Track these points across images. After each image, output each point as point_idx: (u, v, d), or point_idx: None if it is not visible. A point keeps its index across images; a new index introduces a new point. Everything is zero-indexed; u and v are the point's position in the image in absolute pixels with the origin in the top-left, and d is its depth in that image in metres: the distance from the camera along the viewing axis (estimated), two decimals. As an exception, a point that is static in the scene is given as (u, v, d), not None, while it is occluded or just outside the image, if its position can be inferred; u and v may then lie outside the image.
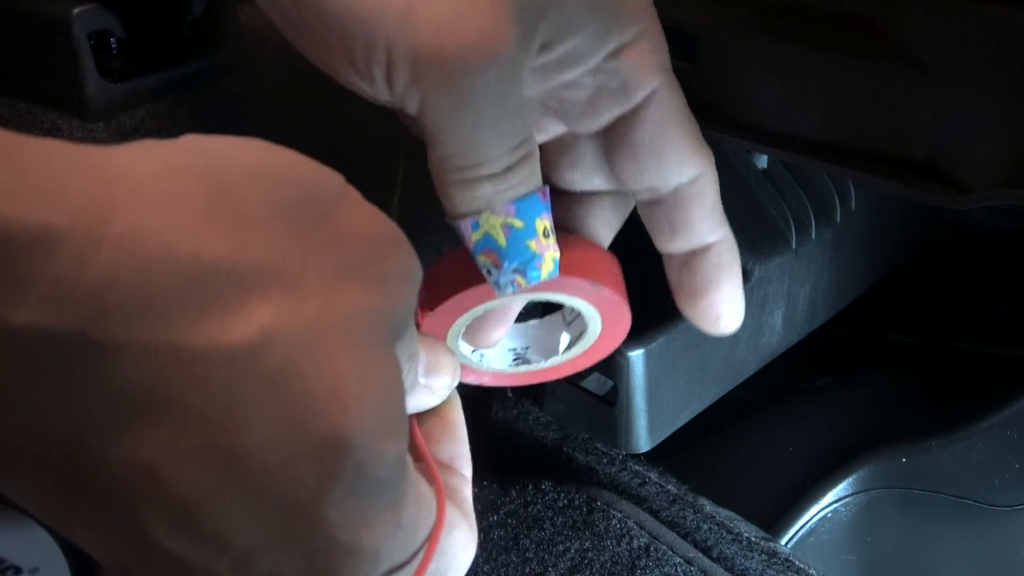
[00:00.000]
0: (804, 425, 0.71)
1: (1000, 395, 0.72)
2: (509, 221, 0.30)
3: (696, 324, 0.37)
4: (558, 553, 0.53)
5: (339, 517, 0.23)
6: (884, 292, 0.81)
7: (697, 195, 0.34)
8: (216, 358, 0.21)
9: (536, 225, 0.31)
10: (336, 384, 0.23)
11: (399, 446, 0.25)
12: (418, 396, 0.31)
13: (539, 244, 0.31)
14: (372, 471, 0.24)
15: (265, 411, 0.22)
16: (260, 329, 0.22)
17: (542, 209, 0.31)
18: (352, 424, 0.23)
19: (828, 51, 0.46)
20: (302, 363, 0.22)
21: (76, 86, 0.45)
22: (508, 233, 0.31)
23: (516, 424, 0.64)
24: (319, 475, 0.23)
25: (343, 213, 0.25)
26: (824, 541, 0.64)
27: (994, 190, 0.43)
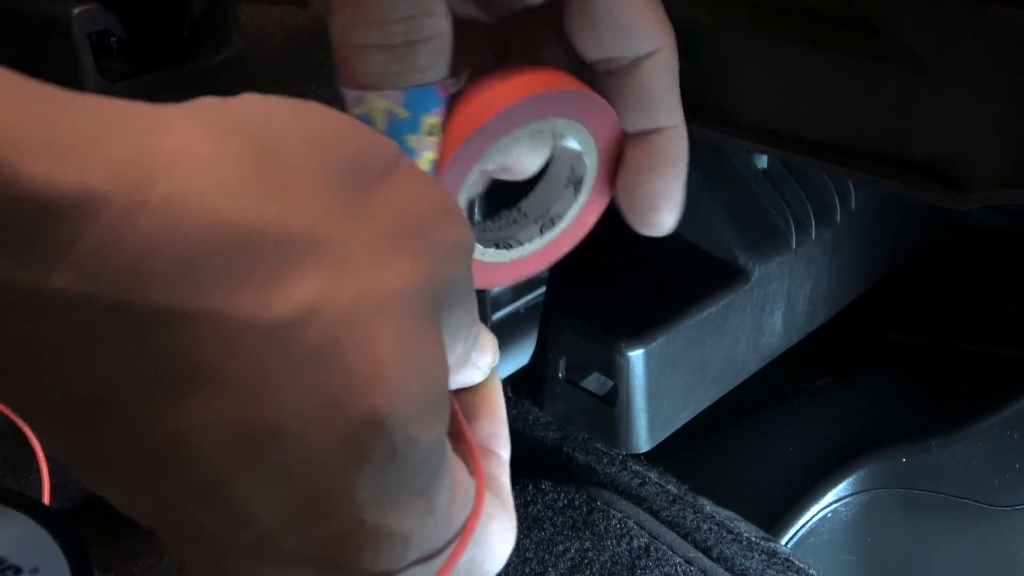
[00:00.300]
0: (804, 425, 0.71)
1: (1000, 395, 0.72)
2: (393, 109, 0.29)
3: (628, 218, 0.34)
4: (558, 553, 0.53)
5: (368, 499, 0.23)
6: (884, 292, 0.81)
7: (655, 71, 0.32)
8: (255, 331, 0.21)
9: (422, 120, 0.29)
10: (377, 364, 0.22)
11: (438, 430, 0.24)
12: (465, 373, 0.30)
13: (419, 141, 0.29)
14: (406, 455, 0.23)
15: (300, 388, 0.21)
16: (302, 303, 0.21)
17: (435, 103, 0.29)
18: (389, 406, 0.22)
19: (828, 51, 0.46)
20: (343, 340, 0.21)
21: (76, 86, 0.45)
22: (389, 120, 0.29)
23: (516, 424, 0.64)
24: (351, 456, 0.22)
25: (396, 183, 0.24)
26: (824, 541, 0.64)
27: (994, 190, 0.43)
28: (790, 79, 0.48)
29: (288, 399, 0.21)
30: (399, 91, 0.29)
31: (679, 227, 0.59)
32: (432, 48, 0.28)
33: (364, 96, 0.29)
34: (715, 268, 0.66)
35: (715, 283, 0.65)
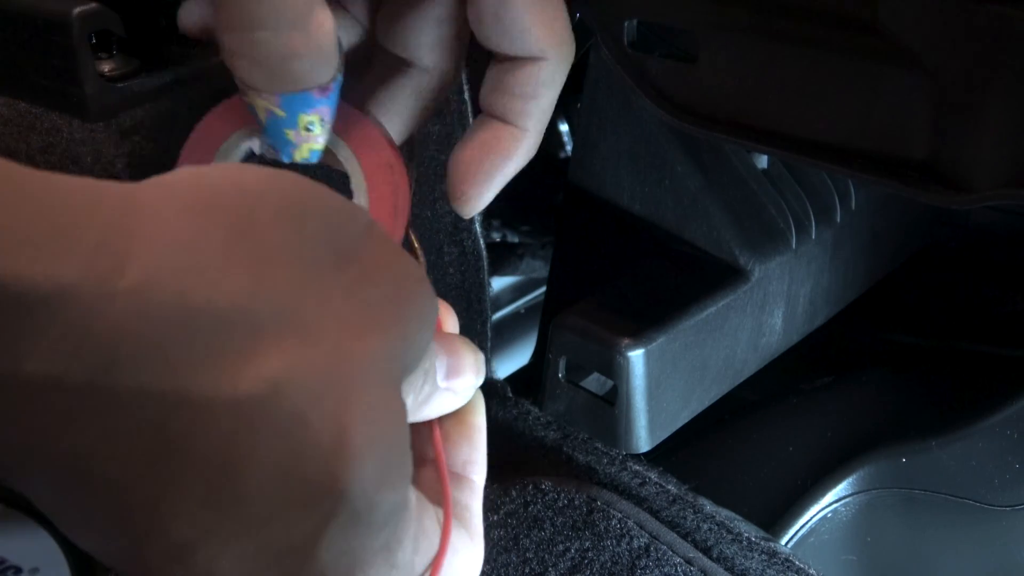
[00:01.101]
0: (804, 425, 0.71)
1: (1000, 395, 0.72)
2: (271, 108, 0.30)
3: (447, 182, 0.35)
4: (558, 553, 0.53)
5: (331, 559, 0.24)
6: (884, 292, 0.81)
7: (529, 76, 0.32)
8: (222, 407, 0.21)
9: (299, 119, 0.31)
10: (340, 436, 0.23)
11: (400, 491, 0.25)
12: (439, 401, 0.31)
13: (298, 135, 0.31)
14: (368, 517, 0.24)
15: (267, 459, 0.22)
16: (269, 380, 0.22)
17: (310, 105, 0.31)
18: (352, 476, 0.23)
19: (828, 51, 0.46)
20: (308, 414, 0.22)
21: (76, 86, 0.45)
22: (268, 116, 0.31)
23: (516, 424, 0.64)
24: (314, 522, 0.23)
25: (367, 253, 0.25)
26: (824, 541, 0.64)
27: (994, 190, 0.43)
28: (790, 79, 0.48)
29: (254, 468, 0.22)
30: (275, 95, 0.30)
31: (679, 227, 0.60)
32: (302, 63, 0.29)
33: (248, 95, 0.30)
34: (715, 268, 0.66)
35: (715, 283, 0.65)
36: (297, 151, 0.32)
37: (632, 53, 0.54)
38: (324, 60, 0.30)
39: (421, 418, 0.31)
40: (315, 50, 0.29)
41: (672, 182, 0.66)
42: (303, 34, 0.29)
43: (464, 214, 0.34)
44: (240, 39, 0.29)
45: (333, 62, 0.30)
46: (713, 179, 0.66)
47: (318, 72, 0.30)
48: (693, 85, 0.52)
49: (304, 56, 0.29)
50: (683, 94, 0.53)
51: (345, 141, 0.34)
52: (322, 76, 0.30)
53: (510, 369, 0.78)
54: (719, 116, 0.52)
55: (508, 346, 1.01)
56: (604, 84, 0.68)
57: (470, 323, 0.65)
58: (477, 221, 0.63)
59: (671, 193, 0.67)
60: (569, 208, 0.74)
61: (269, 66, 0.29)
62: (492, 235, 0.96)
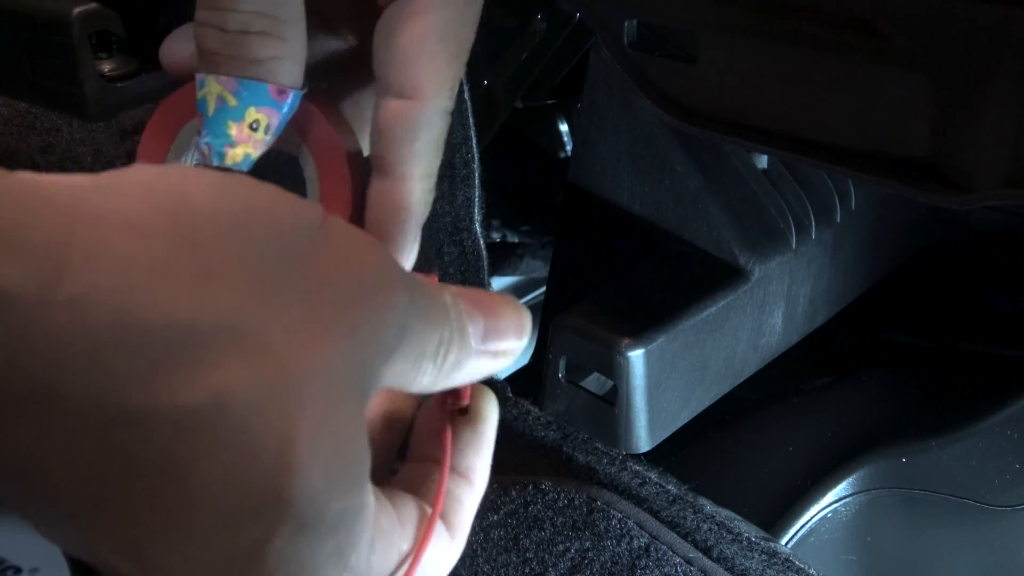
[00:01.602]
0: (804, 425, 0.71)
1: (1000, 395, 0.72)
2: (225, 94, 0.30)
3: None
4: (558, 553, 0.53)
5: (281, 563, 0.24)
6: (884, 292, 0.81)
7: (394, 118, 0.31)
8: (162, 419, 0.21)
9: (247, 112, 0.30)
10: (284, 446, 0.23)
11: (351, 498, 0.25)
12: (476, 365, 0.30)
13: (240, 132, 0.31)
14: (316, 525, 0.24)
15: (209, 469, 0.22)
16: (211, 393, 0.22)
17: (264, 102, 0.30)
18: (296, 485, 0.23)
19: (828, 51, 0.46)
20: (252, 426, 0.22)
21: (76, 86, 0.45)
22: (218, 105, 0.30)
23: (516, 424, 0.64)
24: (262, 529, 0.23)
25: (320, 256, 0.25)
26: (824, 541, 0.64)
27: (994, 190, 0.43)
28: (790, 79, 0.48)
29: (198, 480, 0.22)
30: (233, 79, 0.30)
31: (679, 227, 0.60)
32: (268, 46, 0.29)
33: (205, 79, 0.30)
34: (715, 268, 0.66)
35: (715, 283, 0.65)
36: (232, 151, 0.31)
37: (632, 53, 0.54)
38: (291, 56, 0.30)
39: (456, 383, 0.30)
40: (287, 41, 0.29)
41: (672, 182, 0.66)
42: (278, 23, 0.29)
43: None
44: (218, 13, 0.29)
45: (298, 65, 0.30)
46: (713, 179, 0.66)
47: (283, 67, 0.30)
48: (693, 85, 0.52)
49: (274, 41, 0.29)
50: (683, 94, 0.53)
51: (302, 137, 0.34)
52: (285, 74, 0.30)
53: (510, 369, 0.78)
54: (719, 116, 0.52)
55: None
56: (604, 84, 0.68)
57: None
58: (477, 221, 0.63)
59: (671, 193, 0.67)
60: (569, 208, 0.74)
61: (240, 42, 0.29)
62: (492, 235, 0.96)
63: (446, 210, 0.62)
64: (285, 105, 0.31)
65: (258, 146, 0.31)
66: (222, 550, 0.23)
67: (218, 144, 0.31)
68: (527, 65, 0.73)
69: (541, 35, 0.71)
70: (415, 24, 0.30)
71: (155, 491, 0.22)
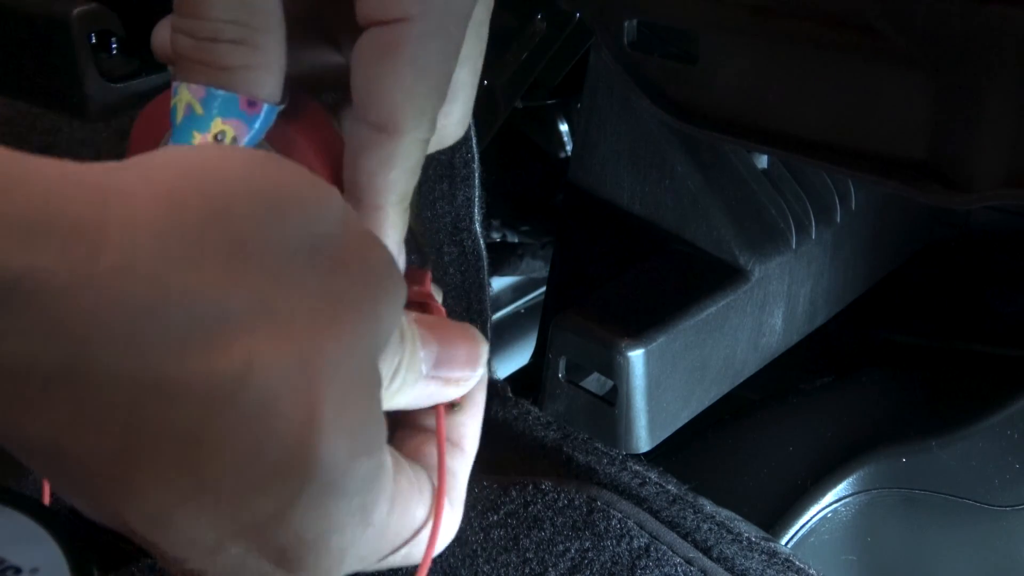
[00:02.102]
0: (804, 425, 0.71)
1: (1000, 395, 0.72)
2: (193, 103, 0.30)
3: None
4: (558, 553, 0.53)
5: (307, 523, 0.25)
6: (884, 292, 0.81)
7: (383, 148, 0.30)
8: (193, 391, 0.22)
9: (213, 123, 0.30)
10: (311, 412, 0.23)
11: (372, 459, 0.26)
12: (424, 390, 0.31)
13: (204, 142, 0.30)
14: (342, 485, 0.25)
15: (237, 438, 0.23)
16: (242, 364, 0.22)
17: (231, 113, 0.29)
18: (324, 451, 0.24)
19: (828, 51, 0.46)
20: (280, 396, 0.23)
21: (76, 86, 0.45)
22: (187, 114, 0.30)
23: (516, 424, 0.64)
24: (289, 492, 0.24)
25: (340, 239, 0.25)
26: (824, 541, 0.64)
27: (994, 190, 0.43)
28: (790, 79, 0.48)
29: (226, 448, 0.23)
30: (201, 87, 0.29)
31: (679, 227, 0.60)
32: (238, 55, 0.29)
33: (178, 87, 0.30)
34: (715, 268, 0.66)
35: (715, 283, 0.65)
36: None
37: (632, 53, 0.54)
38: (264, 67, 0.29)
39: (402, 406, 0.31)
40: (259, 50, 0.29)
41: (672, 182, 0.66)
42: (251, 31, 0.29)
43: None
44: (188, 19, 0.29)
45: (273, 77, 0.29)
46: (713, 179, 0.66)
47: (255, 77, 0.29)
48: (693, 85, 0.52)
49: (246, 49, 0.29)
50: (683, 94, 0.53)
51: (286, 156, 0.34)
52: (258, 85, 0.29)
53: (510, 369, 0.78)
54: (719, 116, 0.52)
55: (508, 346, 1.01)
56: (604, 84, 0.68)
57: (470, 323, 0.65)
58: (477, 221, 0.63)
59: (671, 193, 0.67)
60: (569, 208, 0.74)
61: (209, 49, 0.29)
62: (492, 235, 0.96)
63: (446, 210, 0.62)
64: (257, 119, 0.30)
65: None
66: (250, 514, 0.24)
67: None
68: (527, 65, 0.73)
69: (541, 35, 0.71)
70: (393, 58, 0.29)
71: (186, 460, 0.22)
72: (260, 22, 0.29)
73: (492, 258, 0.66)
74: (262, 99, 0.30)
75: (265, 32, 0.29)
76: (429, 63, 0.29)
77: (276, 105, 0.30)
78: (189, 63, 0.29)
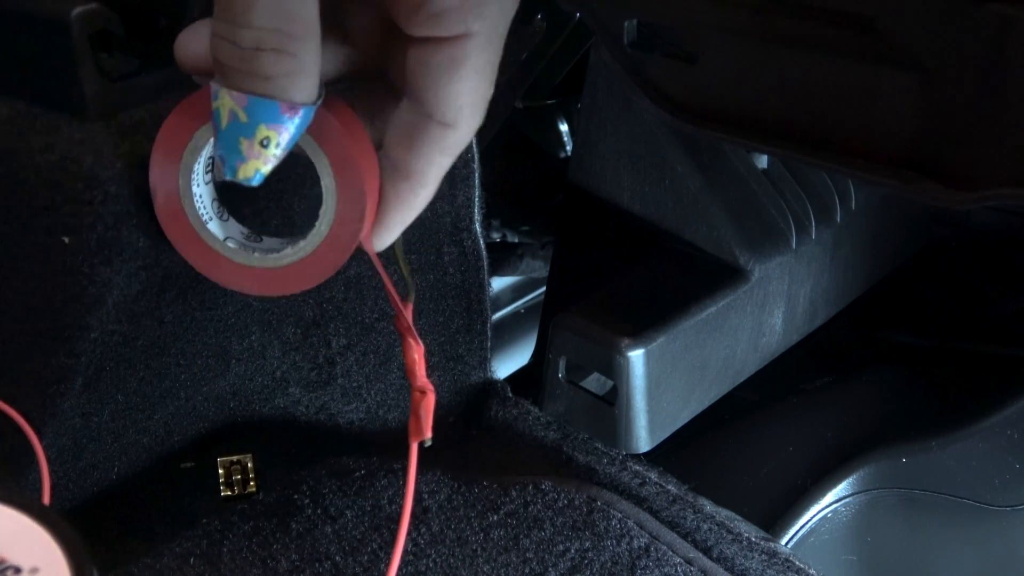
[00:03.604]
0: (804, 425, 0.72)
1: (1000, 395, 0.72)
2: (236, 110, 0.31)
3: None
4: (558, 553, 0.53)
5: None
6: (884, 292, 0.81)
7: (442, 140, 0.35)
8: None
9: (258, 129, 0.31)
10: None
11: None
12: None
13: (250, 148, 0.32)
14: None
15: None
16: None
17: (274, 119, 0.31)
18: None
19: (828, 51, 0.46)
20: None
21: (76, 86, 0.45)
22: (230, 120, 0.31)
23: (516, 424, 0.64)
24: None
25: None
26: (824, 541, 0.64)
27: (994, 190, 0.43)
28: (790, 79, 0.48)
29: None
30: (244, 95, 0.31)
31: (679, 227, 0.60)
32: (279, 64, 0.30)
33: (219, 92, 0.31)
34: (715, 268, 0.66)
35: (715, 283, 0.65)
36: (243, 166, 0.32)
37: (632, 53, 0.54)
38: (303, 72, 0.31)
39: None
40: (299, 57, 0.30)
41: (672, 182, 0.66)
42: (291, 39, 0.30)
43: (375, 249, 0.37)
44: (232, 28, 0.30)
45: (311, 79, 0.31)
46: (713, 179, 0.66)
47: (295, 83, 0.31)
48: (693, 85, 0.52)
49: (287, 58, 0.30)
50: (683, 94, 0.53)
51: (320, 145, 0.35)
52: (297, 91, 0.31)
53: (510, 369, 0.78)
54: (719, 116, 0.52)
55: (508, 346, 1.01)
56: (604, 84, 0.68)
57: (470, 323, 0.65)
58: (477, 221, 0.63)
59: (671, 193, 0.67)
60: (569, 208, 0.74)
61: (252, 59, 0.30)
62: (492, 235, 0.96)
63: (446, 210, 0.62)
64: (296, 121, 0.31)
65: (269, 161, 0.32)
66: None
67: (231, 159, 0.32)
68: (527, 65, 0.73)
69: (541, 35, 0.71)
70: (461, 68, 0.33)
71: None
72: (300, 30, 0.30)
73: (492, 258, 0.66)
74: (300, 103, 0.31)
75: (304, 38, 0.30)
76: (489, 69, 0.34)
77: (312, 105, 0.32)
78: (231, 71, 0.31)
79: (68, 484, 0.53)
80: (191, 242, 0.37)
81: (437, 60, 0.33)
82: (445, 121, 0.34)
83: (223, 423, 0.59)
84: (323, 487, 0.57)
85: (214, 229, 0.37)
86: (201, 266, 0.38)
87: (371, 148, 0.36)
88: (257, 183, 0.32)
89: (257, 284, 0.37)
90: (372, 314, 0.61)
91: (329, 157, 0.35)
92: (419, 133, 0.34)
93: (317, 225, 0.36)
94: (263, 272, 0.37)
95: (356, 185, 0.35)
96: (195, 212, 0.37)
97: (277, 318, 0.58)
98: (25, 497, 0.30)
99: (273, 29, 0.30)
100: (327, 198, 0.35)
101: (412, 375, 0.42)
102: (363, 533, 0.54)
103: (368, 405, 0.63)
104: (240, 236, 0.38)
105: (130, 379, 0.53)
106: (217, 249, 0.37)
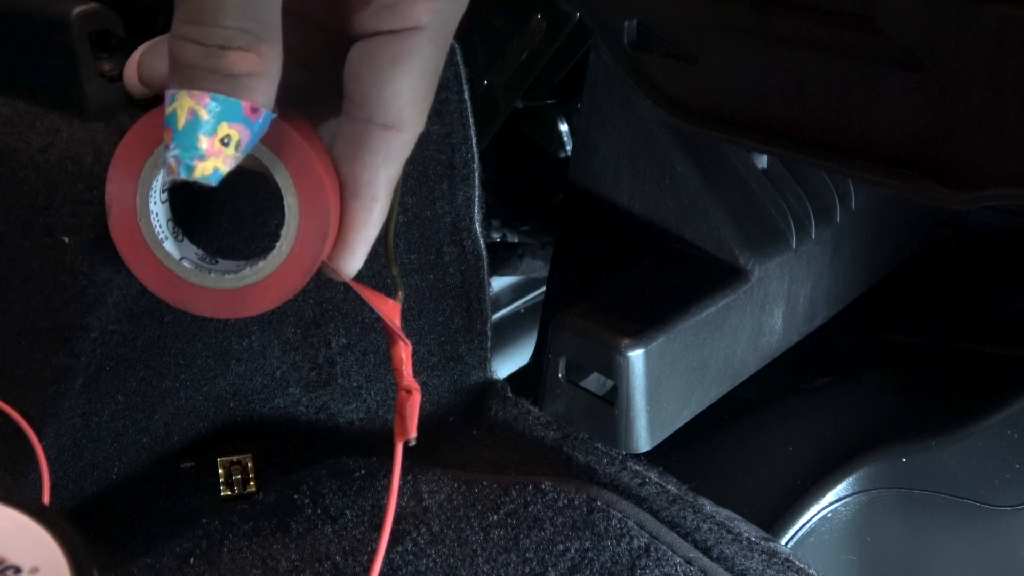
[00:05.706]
0: (804, 425, 0.71)
1: (1000, 395, 0.72)
2: (197, 108, 0.30)
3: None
4: (558, 553, 0.53)
5: None
6: (884, 292, 0.81)
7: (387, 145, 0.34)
8: None
9: (219, 127, 0.31)
10: None
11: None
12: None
13: (211, 146, 0.31)
14: None
15: None
16: None
17: (238, 119, 0.31)
18: None
19: (828, 51, 0.46)
20: None
21: (76, 86, 0.45)
22: (189, 119, 0.30)
23: (516, 424, 0.64)
24: None
25: None
26: (824, 541, 0.64)
27: (994, 190, 0.43)
28: (790, 79, 0.48)
29: None
30: (205, 94, 0.30)
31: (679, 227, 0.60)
32: (246, 62, 0.30)
33: (176, 94, 0.31)
34: (715, 268, 0.66)
35: (715, 283, 0.65)
36: (202, 164, 0.31)
37: (632, 53, 0.54)
38: (267, 75, 0.31)
39: None
40: (265, 59, 0.30)
41: (672, 182, 0.66)
42: (258, 40, 0.30)
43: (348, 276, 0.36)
44: (197, 28, 0.30)
45: (272, 86, 0.31)
46: (713, 179, 0.66)
47: (259, 85, 0.31)
48: (693, 85, 0.52)
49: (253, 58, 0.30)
50: (683, 94, 0.53)
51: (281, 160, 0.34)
52: (260, 93, 0.31)
53: (510, 369, 0.78)
54: (719, 116, 0.52)
55: (508, 346, 1.01)
56: (604, 84, 0.68)
57: (470, 323, 0.65)
58: (477, 221, 0.63)
59: (671, 193, 0.67)
60: (569, 208, 0.74)
61: (218, 57, 0.30)
62: (492, 235, 0.96)
63: (446, 210, 0.62)
64: (257, 124, 0.31)
65: (228, 161, 0.31)
66: None
67: (187, 157, 0.31)
68: (527, 65, 0.73)
69: (541, 35, 0.71)
70: (404, 63, 0.32)
71: None
72: (267, 32, 0.30)
73: (492, 258, 0.66)
74: (262, 106, 0.31)
75: (270, 42, 0.30)
76: (432, 69, 0.33)
77: (272, 112, 0.31)
78: (193, 71, 0.30)
79: (68, 484, 0.53)
80: (145, 261, 0.36)
81: (382, 56, 0.32)
82: (388, 123, 0.33)
83: (223, 423, 0.59)
84: (323, 487, 0.57)
85: (170, 248, 0.36)
86: (155, 287, 0.37)
87: (332, 166, 0.35)
88: (215, 182, 0.31)
89: (212, 306, 0.36)
90: (372, 314, 0.61)
91: (292, 173, 0.34)
92: (362, 141, 0.34)
93: (278, 245, 0.35)
94: (220, 293, 0.36)
95: (319, 203, 0.34)
96: (151, 231, 0.36)
97: (277, 318, 0.58)
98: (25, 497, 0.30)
99: (240, 29, 0.30)
100: (289, 217, 0.35)
101: (399, 374, 0.41)
102: (363, 533, 0.54)
103: (368, 405, 0.63)
104: (195, 257, 0.37)
105: (130, 379, 0.53)
106: (172, 269, 0.36)
